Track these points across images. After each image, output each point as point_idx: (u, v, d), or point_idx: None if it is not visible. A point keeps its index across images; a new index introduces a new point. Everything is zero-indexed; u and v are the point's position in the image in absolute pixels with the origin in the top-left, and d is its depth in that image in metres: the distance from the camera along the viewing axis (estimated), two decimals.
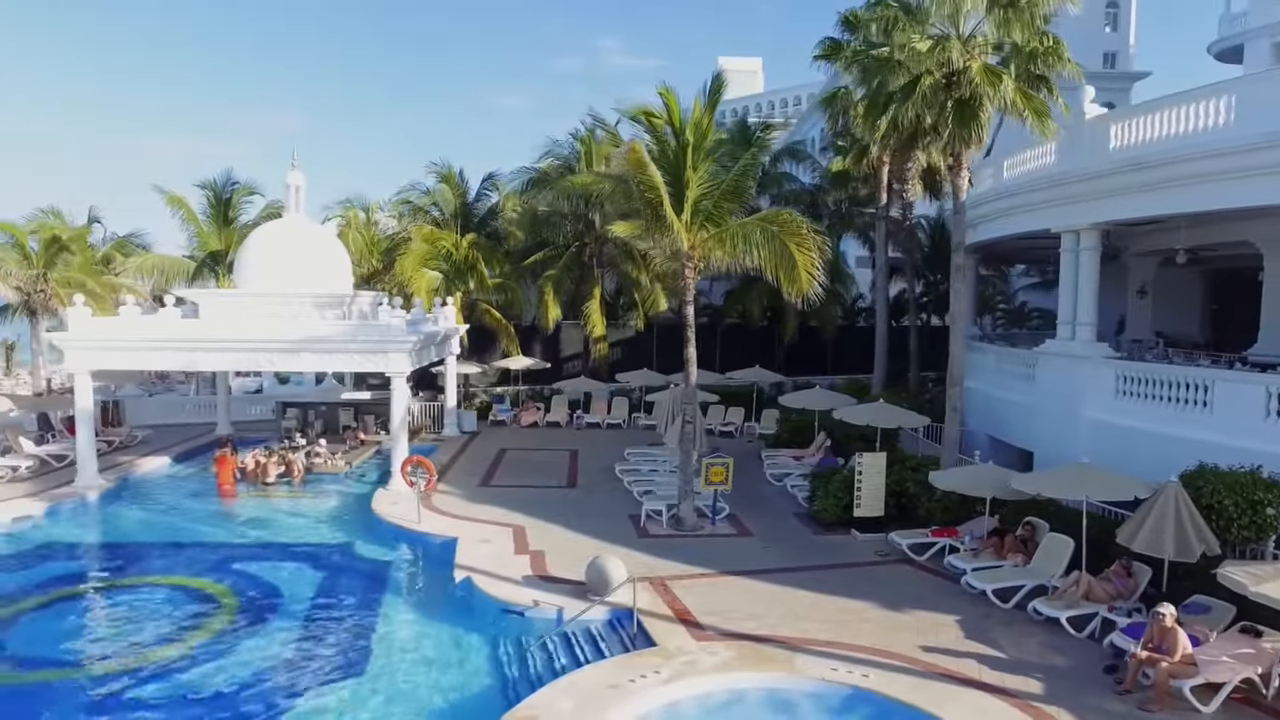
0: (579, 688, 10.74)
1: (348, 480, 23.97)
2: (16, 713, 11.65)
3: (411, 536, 18.05)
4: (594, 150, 33.02)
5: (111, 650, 13.40)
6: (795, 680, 11.32)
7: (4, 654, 13.32)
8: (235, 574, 16.69)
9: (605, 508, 19.95)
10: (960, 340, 19.12)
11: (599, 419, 32.00)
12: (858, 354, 39.23)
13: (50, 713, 11.54)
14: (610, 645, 12.72)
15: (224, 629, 14.16)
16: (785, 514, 20.01)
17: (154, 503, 22.17)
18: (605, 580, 13.71)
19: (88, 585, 16.44)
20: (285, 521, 20.29)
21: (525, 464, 24.82)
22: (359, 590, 16.12)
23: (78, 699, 11.91)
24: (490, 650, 13.09)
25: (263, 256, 23.50)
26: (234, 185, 32.95)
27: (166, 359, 21.85)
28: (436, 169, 34.71)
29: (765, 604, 13.96)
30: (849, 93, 24.90)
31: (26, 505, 20.12)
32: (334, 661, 13.12)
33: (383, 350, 20.77)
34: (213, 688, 12.15)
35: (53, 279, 30.62)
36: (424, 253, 31.18)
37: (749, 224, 16.56)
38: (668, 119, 17.60)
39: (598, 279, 33.60)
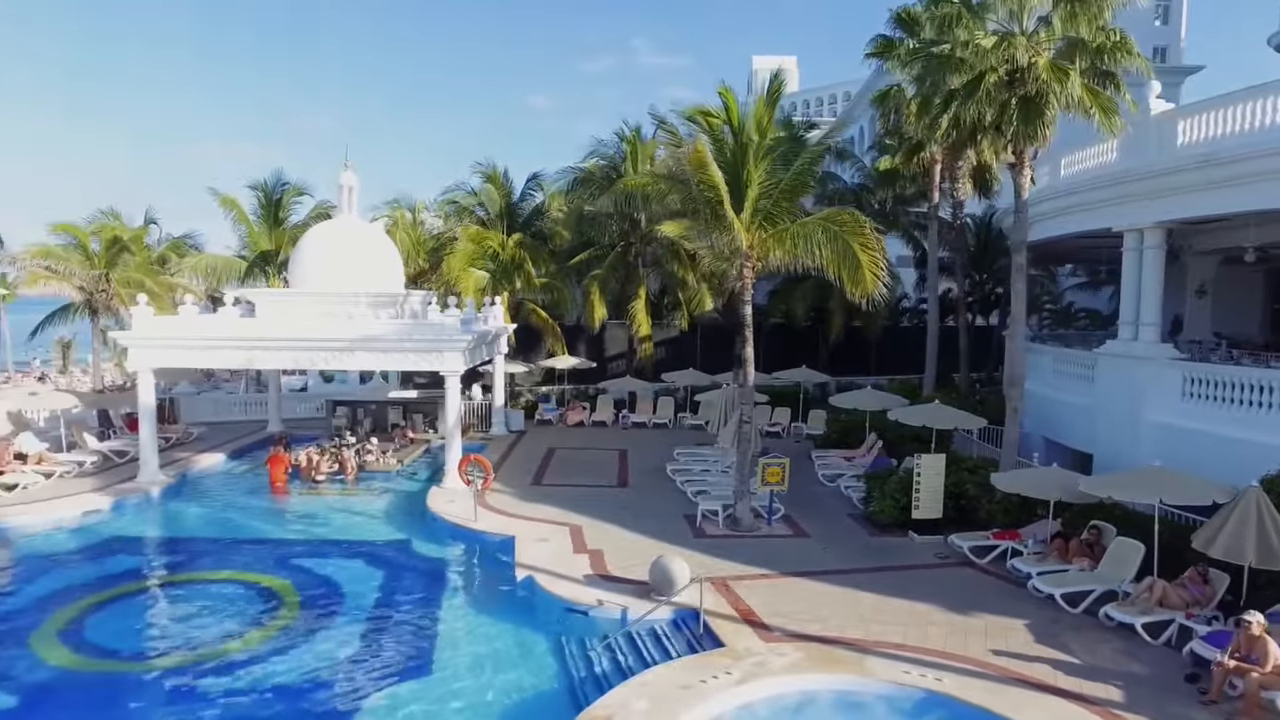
0: (652, 687, 10.75)
1: (399, 478, 24.23)
2: (96, 699, 11.90)
3: (469, 534, 18.17)
4: (639, 150, 33.13)
5: (183, 642, 13.65)
6: (867, 683, 11.23)
7: (83, 642, 13.64)
8: (297, 570, 16.92)
9: (659, 507, 19.94)
10: (1020, 341, 18.85)
11: (645, 418, 32.04)
12: (902, 354, 38.99)
13: (127, 701, 11.78)
14: (676, 645, 12.70)
15: (289, 624, 14.34)
16: (840, 515, 19.88)
17: (212, 499, 22.58)
18: (670, 580, 13.70)
19: (157, 578, 16.81)
20: (341, 519, 20.54)
21: (575, 463, 24.89)
22: (419, 587, 16.30)
23: (154, 689, 12.15)
24: (555, 649, 13.15)
25: (318, 256, 23.83)
26: (284, 186, 33.44)
27: (226, 357, 22.21)
28: (481, 169, 34.92)
29: (829, 605, 13.87)
30: (901, 90, 24.65)
31: (94, 499, 20.59)
32: (400, 657, 13.27)
33: (437, 349, 20.94)
34: (283, 681, 12.32)
35: (114, 279, 31.28)
36: (471, 252, 31.39)
37: (810, 223, 16.45)
38: (726, 118, 17.55)
39: (643, 279, 33.61)
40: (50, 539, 18.70)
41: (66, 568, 17.06)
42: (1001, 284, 38.52)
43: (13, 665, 12.66)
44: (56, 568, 17.05)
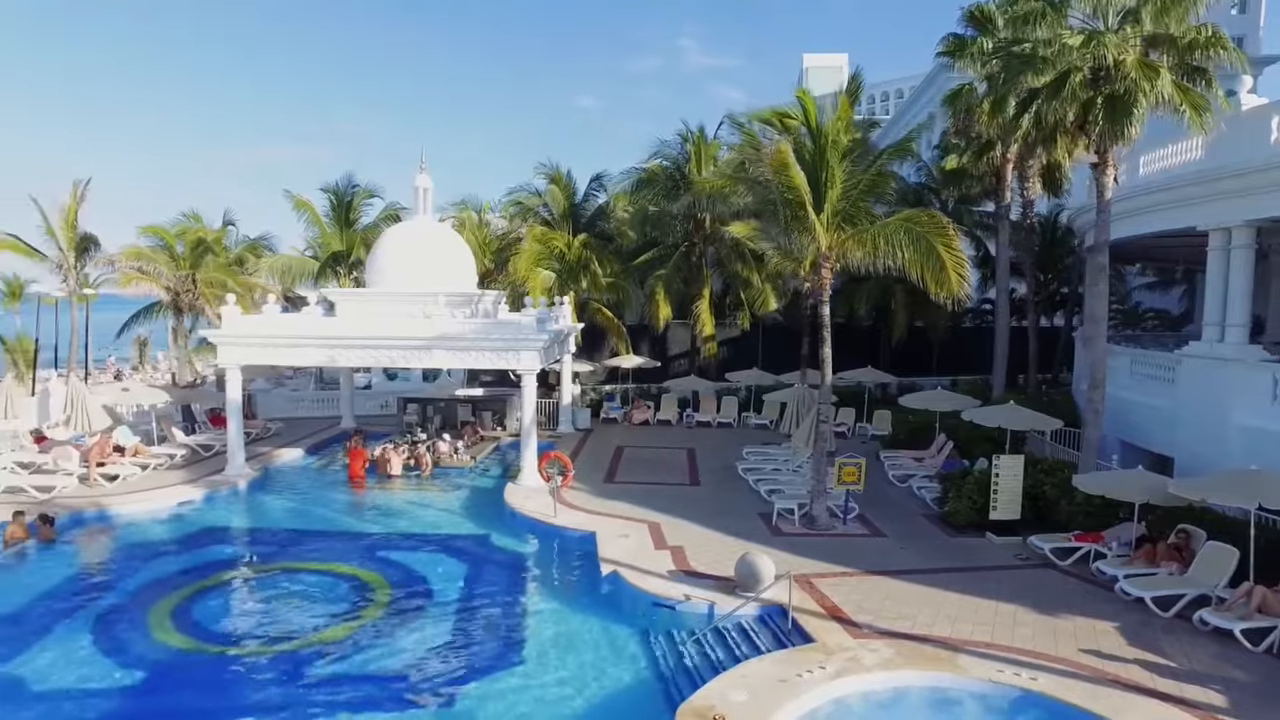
0: (749, 680, 10.96)
1: (472, 474, 24.77)
2: (210, 680, 12.41)
3: (549, 530, 18.56)
4: (703, 150, 33.33)
5: (285, 628, 14.19)
6: (960, 680, 11.32)
7: (193, 626, 14.28)
8: (384, 562, 17.44)
9: (733, 505, 20.14)
10: (1102, 342, 18.63)
11: (709, 418, 32.24)
12: (964, 355, 38.64)
13: (237, 683, 12.27)
14: (764, 640, 12.91)
15: (382, 614, 14.79)
16: (914, 515, 19.88)
17: (295, 492, 23.35)
18: (756, 577, 13.90)
19: (252, 567, 17.41)
20: (421, 513, 21.10)
21: (644, 461, 25.19)
22: (505, 580, 16.74)
23: (261, 671, 12.62)
24: (642, 641, 13.42)
25: (396, 256, 24.50)
26: (355, 188, 34.25)
27: (309, 355, 22.92)
28: (545, 170, 35.43)
29: (914, 604, 13.94)
30: (972, 89, 24.51)
31: (187, 491, 21.45)
32: (492, 646, 13.69)
33: (514, 349, 21.39)
34: (381, 668, 12.77)
35: (199, 279, 32.46)
36: (537, 253, 31.86)
37: (891, 224, 16.51)
38: (804, 120, 17.68)
39: (707, 279, 33.81)
40: (150, 527, 19.54)
41: (169, 555, 17.85)
42: (1067, 284, 37.97)
43: (135, 645, 13.33)
44: (160, 554, 17.84)
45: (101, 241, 31.24)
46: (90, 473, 21.70)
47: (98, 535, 18.92)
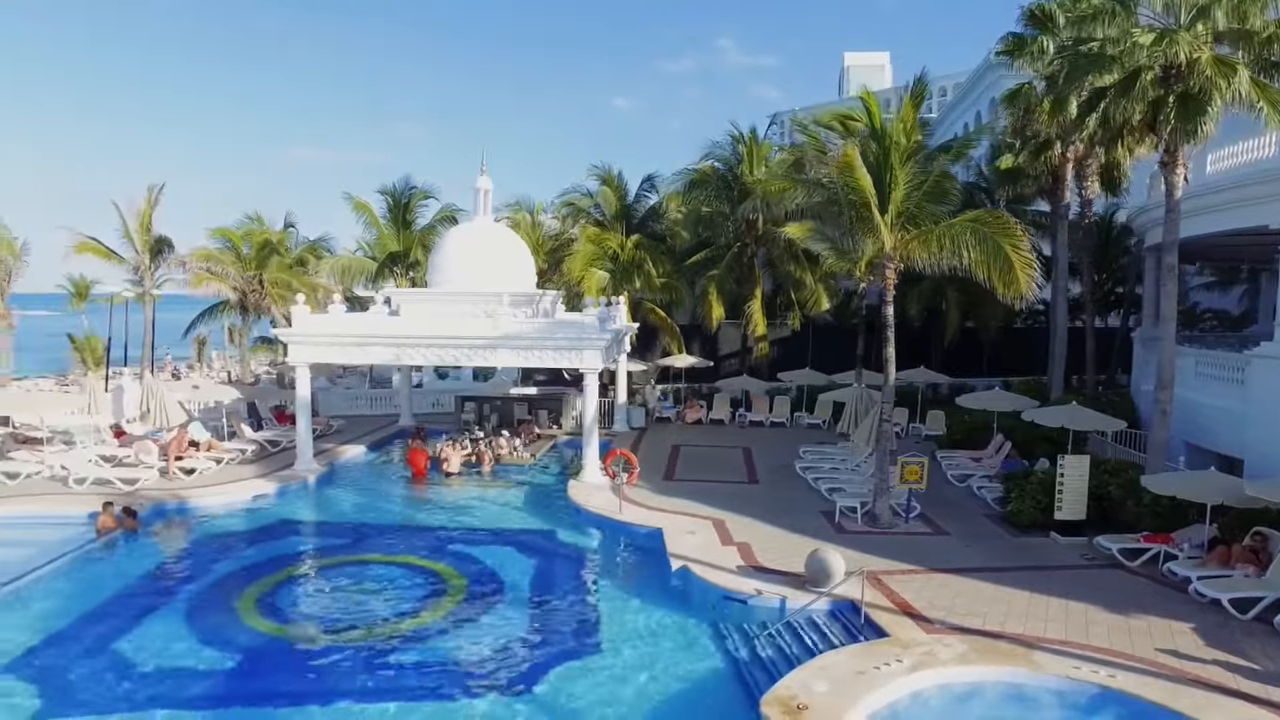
0: (828, 672, 11.19)
1: (532, 471, 25.24)
2: (291, 665, 12.89)
3: (614, 526, 18.91)
4: (755, 151, 33.55)
5: (366, 617, 14.66)
6: (1037, 676, 11.41)
7: (278, 613, 14.85)
8: (455, 555, 17.91)
9: (794, 503, 20.33)
10: (1171, 343, 18.50)
11: (761, 417, 32.42)
12: (1017, 356, 38.30)
13: (324, 668, 12.73)
14: (835, 634, 13.11)
15: (458, 605, 15.22)
16: (975, 515, 19.90)
17: (361, 487, 24.03)
18: (827, 572, 14.10)
19: (329, 559, 18.01)
20: (485, 508, 21.59)
21: (702, 460, 25.45)
22: (575, 573, 17.16)
23: (345, 657, 13.06)
24: (714, 634, 13.72)
25: (458, 257, 25.07)
26: (411, 190, 34.93)
27: (377, 353, 23.50)
28: (597, 171, 35.82)
29: (984, 601, 14.03)
30: (1031, 88, 24.36)
31: (260, 485, 22.16)
32: (567, 637, 14.08)
33: (577, 347, 21.79)
34: (461, 656, 13.17)
35: (267, 279, 33.44)
36: (591, 253, 32.28)
37: (957, 225, 16.58)
38: (869, 121, 17.82)
39: (759, 279, 33.97)
40: (228, 519, 20.27)
41: (249, 545, 18.54)
42: (1122, 284, 37.45)
43: (227, 630, 13.90)
44: (240, 545, 18.54)
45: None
46: (169, 466, 22.52)
47: (180, 526, 19.69)
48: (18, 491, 20.91)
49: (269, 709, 11.65)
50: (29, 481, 21.80)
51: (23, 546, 17.45)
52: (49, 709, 11.37)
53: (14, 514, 19.24)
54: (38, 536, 18.11)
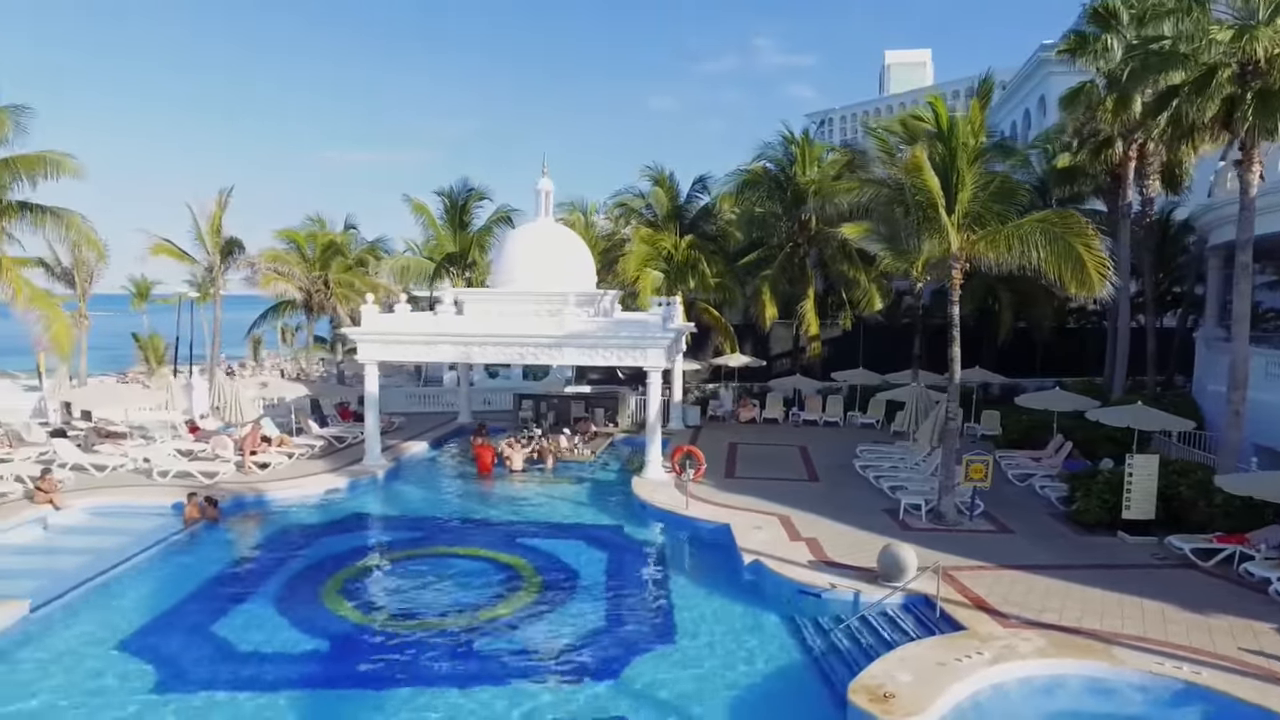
0: (910, 663, 11.42)
1: (593, 468, 25.69)
2: (377, 650, 13.30)
3: (681, 521, 19.26)
4: (807, 152, 33.74)
5: (444, 606, 15.13)
6: (1118, 671, 11.53)
7: (362, 602, 15.39)
8: (526, 549, 18.35)
9: (855, 501, 20.51)
10: (1244, 343, 18.41)
11: (815, 416, 32.56)
12: (1070, 356, 37.94)
13: (410, 655, 13.12)
14: (910, 627, 13.32)
15: (535, 597, 15.60)
16: (1038, 513, 19.92)
17: (427, 482, 24.67)
18: (900, 568, 14.32)
19: (404, 551, 18.50)
20: (552, 504, 22.05)
21: (760, 458, 25.69)
22: (646, 567, 17.55)
23: (429, 645, 13.47)
24: (789, 626, 14.01)
25: (521, 257, 25.63)
26: (469, 191, 35.54)
27: (444, 352, 24.10)
28: (650, 172, 36.26)
29: (1057, 598, 14.13)
30: (1094, 87, 24.28)
31: (332, 479, 22.86)
32: (644, 627, 14.46)
33: (641, 346, 22.18)
34: (542, 645, 13.57)
35: (332, 279, 34.35)
36: (645, 254, 32.67)
37: (1025, 225, 16.67)
38: (935, 123, 17.97)
39: (811, 279, 34.13)
40: (304, 511, 20.97)
41: (326, 537, 19.17)
42: (1179, 283, 36.96)
43: (317, 619, 14.44)
44: (318, 536, 19.18)
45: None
46: (245, 461, 23.31)
47: (259, 518, 20.38)
48: (106, 483, 21.83)
49: (362, 691, 12.07)
50: (115, 474, 22.73)
51: (118, 534, 18.29)
52: (162, 684, 12.00)
53: (106, 503, 20.14)
54: (130, 525, 18.98)
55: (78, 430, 27.18)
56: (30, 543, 18.06)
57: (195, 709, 11.34)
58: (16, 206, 21.22)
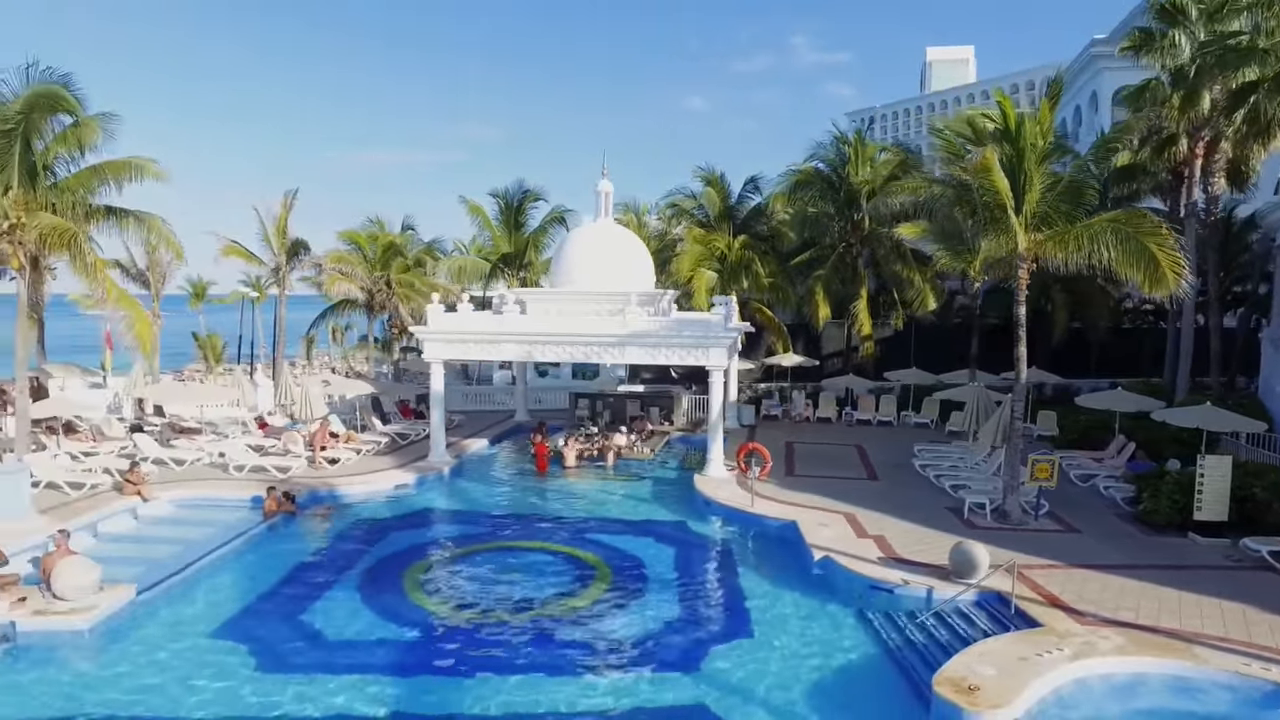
0: (990, 657, 11.57)
1: (652, 466, 26.03)
2: (461, 640, 13.61)
3: (747, 518, 19.54)
4: (860, 152, 33.80)
5: (521, 598, 15.52)
6: (1203, 670, 11.56)
7: (438, 592, 15.87)
8: (595, 543, 18.71)
9: (917, 499, 20.62)
10: None
11: (868, 416, 32.61)
12: (1125, 356, 37.47)
13: (491, 645, 13.44)
14: (984, 623, 13.46)
15: (609, 590, 15.95)
16: (1104, 514, 19.86)
17: (491, 478, 25.18)
18: (973, 565, 14.46)
19: (476, 544, 18.93)
20: (615, 500, 22.44)
21: (818, 457, 25.85)
22: (714, 561, 17.86)
23: (510, 636, 13.84)
24: (862, 621, 14.20)
25: (582, 258, 26.08)
26: (524, 193, 36.09)
27: (507, 350, 24.58)
28: (702, 173, 36.55)
29: (1131, 597, 14.16)
30: (1160, 84, 24.06)
31: (400, 475, 23.46)
32: (719, 620, 14.79)
33: (703, 345, 22.47)
34: (622, 636, 13.91)
35: (394, 280, 35.13)
36: (698, 254, 32.99)
37: (1095, 225, 16.68)
38: (1003, 124, 18.02)
39: (864, 279, 34.18)
40: (377, 506, 21.59)
41: (400, 530, 19.74)
42: (1241, 282, 36.33)
43: (400, 609, 14.92)
44: (391, 530, 19.74)
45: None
46: (315, 456, 24.02)
47: (334, 511, 21.01)
48: (185, 476, 22.66)
49: (447, 679, 12.42)
50: (192, 467, 23.58)
51: (203, 525, 19.09)
52: (260, 668, 12.53)
53: (189, 496, 20.95)
54: (212, 516, 19.78)
55: (153, 425, 28.17)
56: (124, 532, 18.87)
57: (291, 691, 11.79)
58: (104, 210, 22.03)
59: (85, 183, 21.50)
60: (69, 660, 12.65)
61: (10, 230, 19.96)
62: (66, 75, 20.62)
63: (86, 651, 12.85)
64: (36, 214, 20.13)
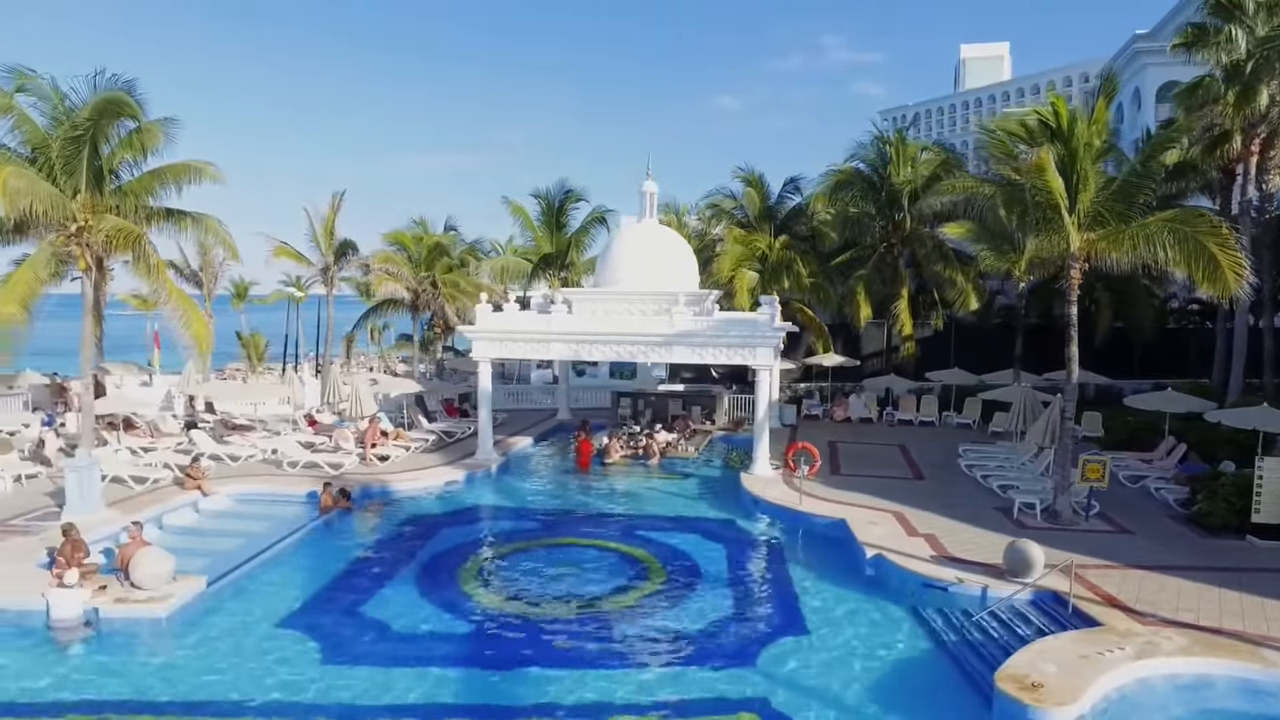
0: (1051, 654, 11.62)
1: (696, 464, 26.21)
2: (518, 632, 13.98)
3: (795, 516, 19.65)
4: (902, 153, 33.73)
5: (575, 592, 15.78)
6: (1271, 674, 11.47)
7: (493, 586, 16.18)
8: (644, 540, 18.94)
9: (964, 499, 20.61)
10: None
11: (909, 416, 32.52)
12: (1171, 357, 36.94)
13: (549, 638, 13.74)
14: (1040, 622, 13.49)
15: (663, 585, 16.18)
16: (1156, 515, 19.71)
17: (538, 476, 25.50)
18: (1029, 563, 14.48)
19: (529, 540, 19.21)
20: (662, 498, 22.64)
21: (862, 456, 25.87)
22: (765, 559, 18.01)
23: (566, 629, 14.11)
24: (916, 618, 14.32)
25: (628, 258, 26.32)
26: (566, 193, 36.37)
27: (555, 350, 24.84)
28: (742, 173, 36.61)
29: (1190, 599, 14.08)
30: (1214, 81, 23.80)
31: (450, 472, 23.85)
32: (774, 616, 14.99)
33: (750, 345, 22.62)
34: (677, 630, 14.11)
35: (439, 279, 35.65)
36: (739, 254, 33.08)
37: (1151, 224, 16.59)
38: (1056, 123, 17.97)
39: (905, 279, 34.10)
40: (428, 502, 21.99)
41: (453, 526, 20.10)
42: None
43: (458, 602, 15.23)
44: (444, 525, 20.11)
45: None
46: (366, 453, 24.48)
47: (387, 507, 21.42)
48: (240, 471, 23.23)
49: (505, 671, 12.63)
50: (246, 463, 24.14)
51: (262, 519, 19.59)
52: (326, 658, 12.88)
53: (246, 490, 21.50)
54: (270, 511, 20.29)
55: (205, 422, 28.85)
56: (187, 525, 19.42)
57: (356, 681, 12.10)
58: (163, 212, 22.60)
59: (147, 185, 22.07)
60: (149, 646, 13.14)
61: (78, 232, 20.54)
62: (130, 81, 21.18)
63: (165, 638, 13.33)
64: (103, 216, 20.71)
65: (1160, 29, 47.96)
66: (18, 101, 19.84)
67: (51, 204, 19.30)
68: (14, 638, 13.08)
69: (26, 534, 17.09)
